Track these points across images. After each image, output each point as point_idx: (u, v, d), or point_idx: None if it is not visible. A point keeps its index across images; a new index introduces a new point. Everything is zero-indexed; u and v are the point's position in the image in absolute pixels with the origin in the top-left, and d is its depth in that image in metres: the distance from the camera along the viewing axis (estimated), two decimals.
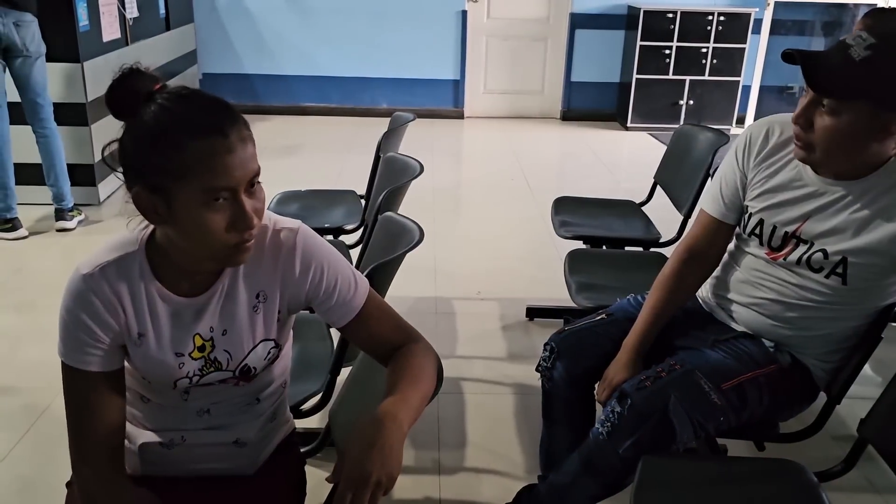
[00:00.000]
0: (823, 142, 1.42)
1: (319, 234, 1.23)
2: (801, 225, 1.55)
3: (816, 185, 1.53)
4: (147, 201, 1.02)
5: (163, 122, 0.99)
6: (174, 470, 1.28)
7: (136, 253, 1.12)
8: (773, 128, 1.62)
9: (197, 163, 0.98)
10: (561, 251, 2.65)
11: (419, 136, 4.49)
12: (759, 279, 1.64)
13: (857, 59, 1.33)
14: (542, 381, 1.81)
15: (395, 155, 2.58)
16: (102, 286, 1.10)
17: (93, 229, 3.99)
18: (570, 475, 1.59)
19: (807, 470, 1.41)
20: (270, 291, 1.18)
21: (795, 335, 1.62)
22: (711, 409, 1.51)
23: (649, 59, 6.32)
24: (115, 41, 4.53)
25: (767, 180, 1.60)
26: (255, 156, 1.04)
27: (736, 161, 1.66)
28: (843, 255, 1.50)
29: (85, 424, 1.13)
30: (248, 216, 1.03)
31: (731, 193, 1.67)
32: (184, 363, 1.16)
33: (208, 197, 1.00)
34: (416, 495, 2.07)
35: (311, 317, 2.09)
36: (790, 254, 1.57)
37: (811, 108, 1.42)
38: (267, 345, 1.20)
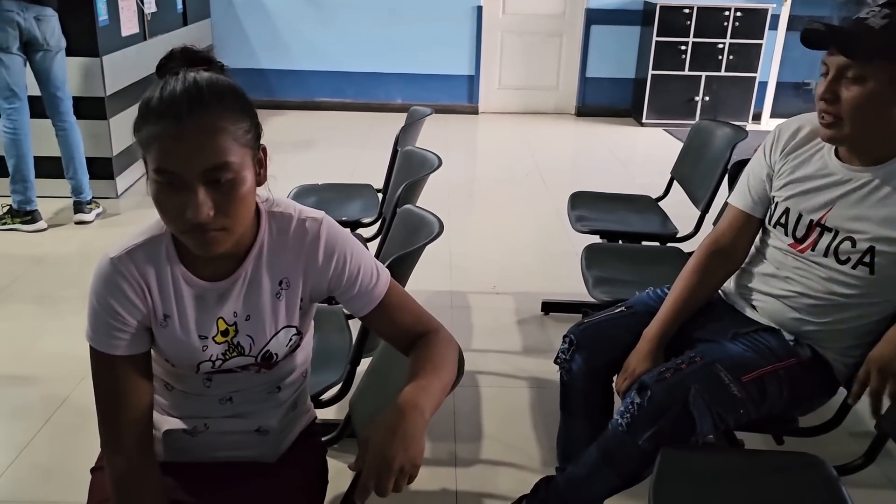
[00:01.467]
0: (851, 111, 1.45)
1: None
2: (827, 213, 1.56)
3: (841, 172, 1.56)
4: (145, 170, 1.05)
5: (146, 95, 1.02)
6: (197, 457, 1.29)
7: (161, 236, 1.14)
8: (804, 125, 1.66)
9: (150, 142, 1.00)
10: (576, 246, 2.65)
11: (434, 132, 4.49)
12: (785, 272, 1.64)
13: (877, 28, 1.40)
14: (561, 374, 1.81)
15: (414, 148, 2.59)
16: (130, 269, 1.11)
17: (111, 222, 4.03)
18: (588, 466, 1.59)
19: (827, 464, 1.41)
20: (293, 279, 1.19)
21: (818, 329, 1.61)
22: (732, 402, 1.51)
23: (665, 55, 6.29)
24: (134, 36, 4.56)
25: (794, 171, 1.63)
26: (223, 150, 1.00)
27: (764, 155, 1.70)
28: (871, 244, 1.50)
29: (114, 409, 1.15)
30: (195, 207, 1.00)
31: (758, 187, 1.71)
32: (207, 346, 1.17)
33: (155, 177, 1.01)
34: (432, 487, 2.08)
35: (329, 308, 2.11)
36: (816, 244, 1.58)
37: (836, 82, 1.45)
38: (289, 332, 1.22)
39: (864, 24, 1.42)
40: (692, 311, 1.73)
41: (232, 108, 1.03)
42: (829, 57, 1.48)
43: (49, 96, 3.77)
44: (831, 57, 1.47)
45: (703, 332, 1.72)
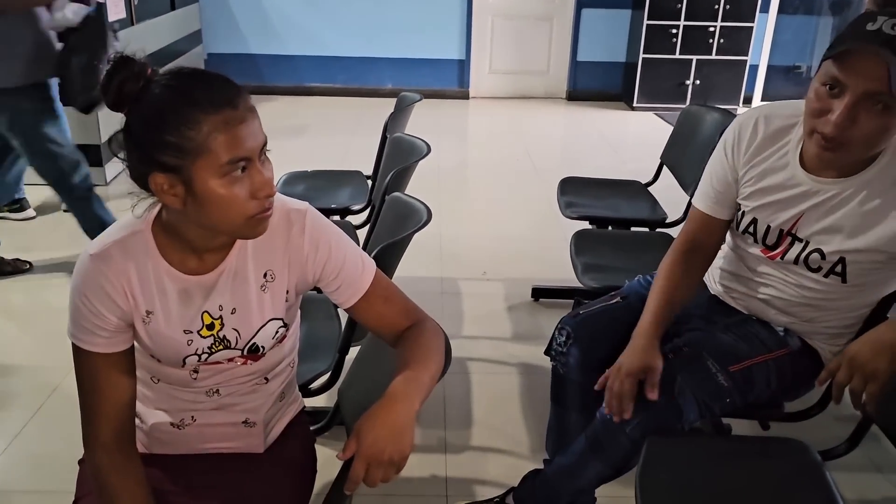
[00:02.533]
0: (866, 140, 1.34)
1: (326, 215, 1.25)
2: (796, 223, 1.53)
3: (809, 184, 1.49)
4: (165, 184, 1.02)
5: (172, 101, 1.00)
6: (185, 449, 1.30)
7: (142, 232, 1.13)
8: (760, 120, 1.57)
9: (213, 137, 0.99)
10: (566, 232, 2.65)
11: (424, 117, 4.47)
12: (761, 276, 1.64)
13: None
14: (556, 366, 1.78)
15: (403, 135, 2.59)
16: (110, 265, 1.11)
17: None
18: (576, 456, 1.60)
19: (811, 448, 1.42)
20: (278, 270, 1.19)
21: (802, 325, 1.62)
22: (718, 391, 1.51)
23: (656, 39, 6.28)
24: (121, 21, 4.51)
25: (759, 179, 1.56)
26: (261, 126, 1.06)
27: (725, 157, 1.62)
28: (841, 255, 1.49)
29: (95, 404, 1.15)
30: (268, 182, 1.05)
31: (723, 189, 1.63)
32: (192, 340, 1.17)
33: (228, 170, 1.01)
34: (422, 473, 2.10)
35: (318, 296, 2.10)
36: (786, 252, 1.56)
37: (856, 108, 1.31)
38: (275, 324, 1.21)
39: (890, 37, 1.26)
40: (676, 310, 1.65)
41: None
42: (845, 72, 1.30)
43: None
44: (856, 76, 1.29)
45: (693, 321, 1.72)
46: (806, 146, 1.46)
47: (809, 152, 1.46)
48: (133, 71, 1.01)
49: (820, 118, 1.36)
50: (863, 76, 1.29)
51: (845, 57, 1.31)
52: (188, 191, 1.02)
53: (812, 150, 1.42)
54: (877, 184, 1.44)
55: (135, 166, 1.05)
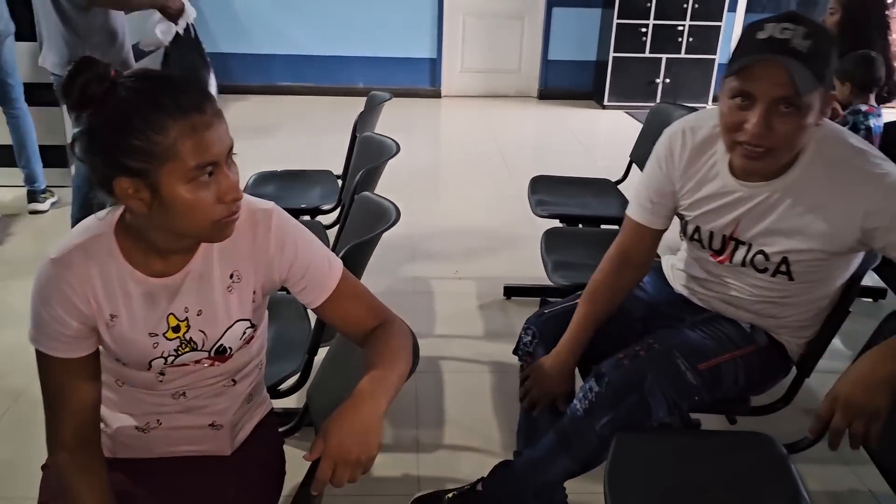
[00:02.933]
0: (786, 142, 1.37)
1: (296, 215, 1.24)
2: (735, 229, 1.56)
3: (741, 190, 1.52)
4: (130, 189, 1.01)
5: (139, 105, 0.99)
6: (150, 453, 1.28)
7: (105, 236, 1.11)
8: (687, 132, 1.59)
9: (180, 142, 0.98)
10: (538, 230, 2.66)
11: (396, 116, 4.46)
12: (717, 278, 1.66)
13: (806, 52, 1.31)
14: (522, 366, 1.80)
15: (372, 135, 2.58)
16: (72, 270, 1.09)
17: (66, 211, 3.91)
18: (545, 450, 1.61)
19: (776, 442, 1.45)
20: (245, 271, 1.18)
21: (765, 321, 1.65)
22: (687, 389, 1.53)
23: (626, 38, 6.33)
24: None
25: (696, 190, 1.59)
26: (228, 129, 1.05)
27: (660, 169, 1.64)
28: (783, 256, 1.51)
29: (59, 408, 1.14)
30: (235, 187, 1.05)
31: (659, 199, 1.66)
32: (158, 343, 1.16)
33: (195, 175, 1.00)
34: (394, 472, 2.09)
35: (288, 296, 2.09)
36: (733, 256, 1.59)
37: (770, 114, 1.34)
38: (243, 325, 1.20)
39: (792, 48, 1.30)
40: (603, 320, 1.71)
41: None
42: (751, 83, 1.33)
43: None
44: (761, 85, 1.33)
45: (661, 319, 1.74)
46: (731, 158, 1.49)
47: (736, 163, 1.49)
48: (97, 72, 1.00)
49: (737, 132, 1.39)
50: (768, 84, 1.32)
51: (747, 70, 1.34)
52: (154, 195, 1.01)
53: (738, 161, 1.46)
54: (803, 183, 1.46)
55: (98, 170, 1.03)
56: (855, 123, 2.93)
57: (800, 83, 1.30)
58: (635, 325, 1.76)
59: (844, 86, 2.99)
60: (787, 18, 1.34)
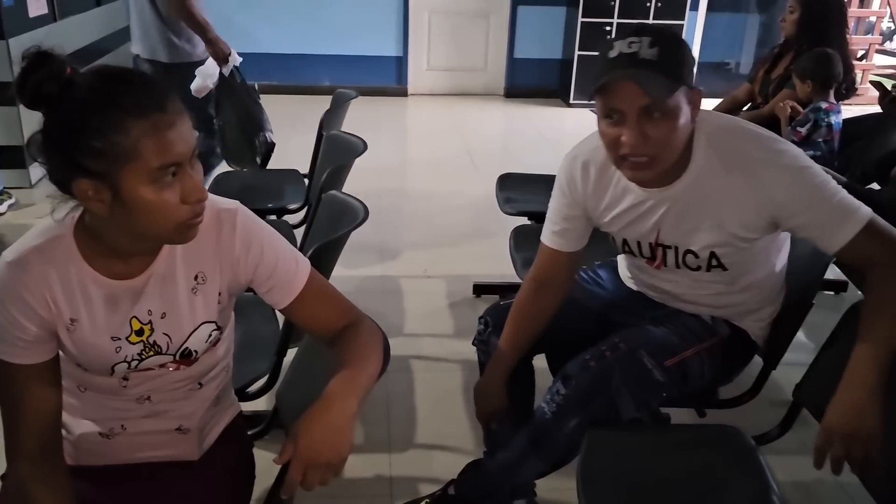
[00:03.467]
0: (664, 146, 1.39)
1: (262, 215, 1.22)
2: (658, 235, 1.58)
3: (651, 197, 1.53)
4: (91, 190, 0.98)
5: (97, 105, 0.95)
6: (115, 459, 1.25)
7: (63, 237, 1.08)
8: (587, 162, 1.60)
9: (142, 142, 0.95)
10: (506, 227, 2.66)
11: (362, 114, 4.43)
12: (661, 280, 1.69)
13: (655, 59, 1.34)
14: (478, 354, 1.83)
15: (339, 133, 2.56)
16: (29, 273, 1.06)
17: (25, 213, 3.85)
18: (516, 452, 1.61)
19: (744, 434, 1.46)
20: (210, 272, 1.16)
21: (720, 311, 1.67)
22: (654, 387, 1.54)
23: (591, 36, 6.36)
24: (42, 17, 4.34)
25: (612, 208, 1.60)
26: (191, 128, 1.02)
27: (565, 197, 1.65)
28: (710, 250, 1.53)
29: (18, 417, 1.10)
30: (199, 187, 1.02)
31: (571, 225, 1.67)
32: (121, 347, 1.13)
33: (158, 175, 0.97)
34: (366, 473, 2.08)
35: (255, 297, 2.06)
36: (665, 260, 1.61)
37: (640, 125, 1.36)
38: (208, 327, 1.18)
39: (642, 59, 1.34)
40: (530, 344, 1.74)
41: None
42: (614, 100, 1.36)
43: None
44: (621, 100, 1.35)
45: (622, 316, 1.75)
46: (623, 173, 1.50)
47: (628, 177, 1.50)
48: (52, 69, 0.96)
49: (618, 147, 1.41)
50: (628, 98, 1.35)
51: (607, 89, 1.37)
52: (115, 197, 0.98)
53: (629, 175, 1.48)
54: (703, 179, 1.48)
55: (56, 170, 1.00)
56: (816, 120, 2.98)
57: (654, 91, 1.33)
58: (596, 320, 1.78)
59: (805, 83, 3.04)
60: (632, 32, 1.38)
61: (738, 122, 1.53)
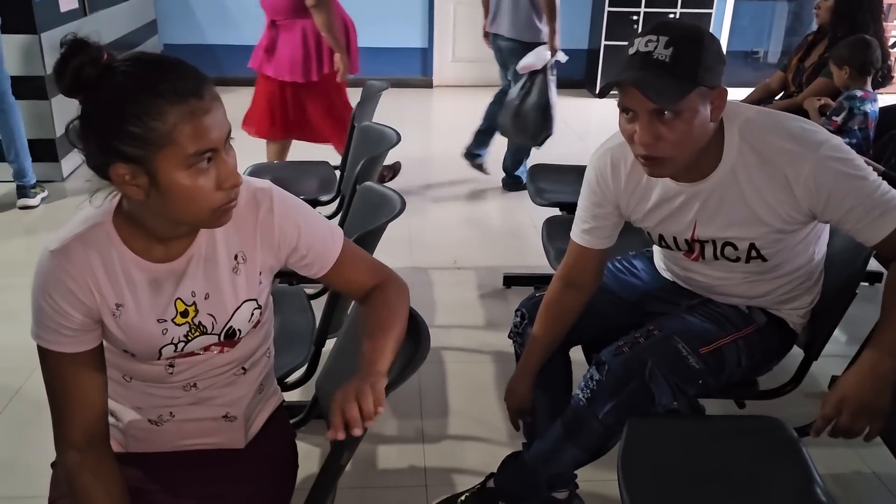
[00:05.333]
0: (677, 147, 1.37)
1: None
2: (694, 230, 1.55)
3: (684, 192, 1.51)
4: (127, 175, 0.99)
5: (135, 90, 0.96)
6: (162, 446, 1.27)
7: (104, 224, 1.10)
8: (616, 158, 1.58)
9: (178, 128, 0.96)
10: (535, 219, 2.66)
11: (388, 106, 4.42)
12: (698, 273, 1.67)
13: (668, 60, 1.31)
14: (515, 347, 1.83)
15: (371, 124, 2.56)
16: (72, 261, 1.07)
17: (57, 206, 3.90)
18: (552, 442, 1.61)
19: (786, 425, 1.44)
20: (249, 252, 1.17)
21: (759, 300, 1.65)
22: (690, 374, 1.53)
23: (617, 25, 6.30)
24: (73, 11, 4.39)
25: (643, 203, 1.58)
26: (226, 114, 1.04)
27: (594, 194, 1.64)
28: (750, 242, 1.51)
29: (65, 405, 1.11)
30: (234, 173, 1.03)
31: (601, 223, 1.65)
32: (167, 329, 1.14)
33: (194, 161, 0.98)
34: (400, 464, 2.08)
35: (291, 289, 2.08)
36: (703, 253, 1.59)
37: (652, 125, 1.35)
38: (250, 305, 1.19)
39: (655, 60, 1.32)
40: (558, 341, 1.73)
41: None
42: (629, 100, 1.36)
43: None
44: (633, 100, 1.35)
45: (658, 305, 1.74)
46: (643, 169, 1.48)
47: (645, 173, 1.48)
48: (91, 55, 0.97)
49: (632, 143, 1.41)
50: (637, 100, 1.34)
51: (620, 86, 1.36)
52: (152, 182, 0.99)
53: (646, 171, 1.46)
54: (738, 172, 1.45)
55: (94, 156, 1.01)
56: (851, 108, 2.94)
57: (657, 97, 1.31)
58: (632, 310, 1.77)
59: (842, 70, 2.99)
60: (652, 30, 1.36)
61: (773, 114, 1.50)
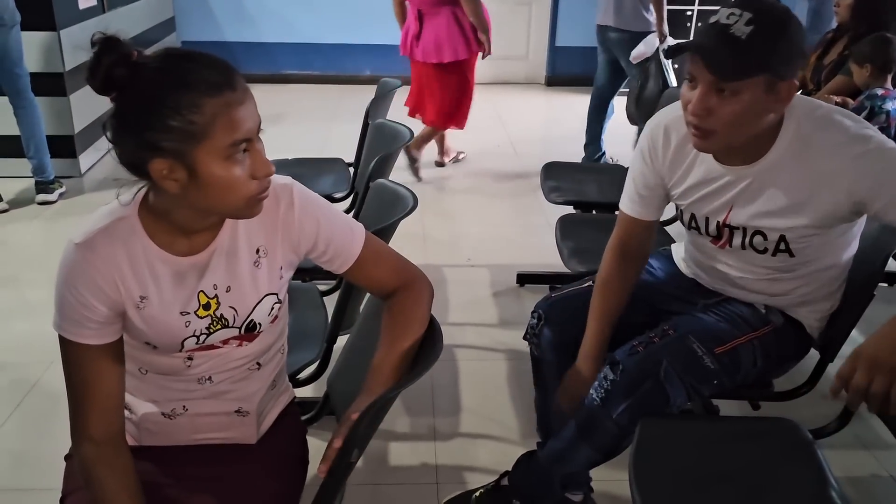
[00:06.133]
0: (727, 126, 1.37)
1: None
2: (728, 214, 1.54)
3: (727, 174, 1.51)
4: (166, 170, 1.00)
5: (171, 85, 0.98)
6: (176, 440, 1.28)
7: (129, 218, 1.11)
8: (670, 128, 1.58)
9: (216, 120, 0.98)
10: (549, 217, 2.65)
11: (403, 104, 4.44)
12: (721, 262, 1.65)
13: (744, 38, 1.30)
14: (531, 349, 1.81)
15: (385, 121, 2.56)
16: (98, 253, 1.08)
17: (75, 202, 3.94)
18: (566, 441, 1.61)
19: (802, 427, 1.43)
20: (271, 246, 1.19)
21: (778, 300, 1.63)
22: (705, 374, 1.52)
23: None
24: (92, 9, 4.42)
25: (684, 178, 1.58)
26: (256, 105, 1.05)
27: (646, 164, 1.63)
28: (780, 234, 1.50)
29: (84, 396, 1.12)
30: (267, 162, 1.05)
31: (647, 193, 1.65)
32: (190, 322, 1.15)
33: (231, 152, 1.00)
34: (412, 461, 2.09)
35: (304, 285, 2.09)
36: (731, 240, 1.58)
37: (707, 97, 1.35)
38: (271, 299, 1.21)
39: (730, 35, 1.31)
40: (617, 316, 1.70)
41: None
42: (694, 67, 1.36)
43: (6, 73, 3.64)
44: (698, 68, 1.35)
45: (674, 304, 1.73)
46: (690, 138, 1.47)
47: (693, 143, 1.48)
48: (121, 53, 0.98)
49: (685, 111, 1.41)
50: (700, 68, 1.35)
51: (689, 51, 1.37)
52: (190, 175, 1.01)
53: (693, 141, 1.46)
54: (786, 162, 1.45)
55: (131, 152, 1.02)
56: (873, 108, 2.90)
57: (719, 70, 1.32)
58: (647, 309, 1.75)
59: (863, 68, 2.96)
60: (738, 3, 1.34)
61: (831, 110, 1.48)
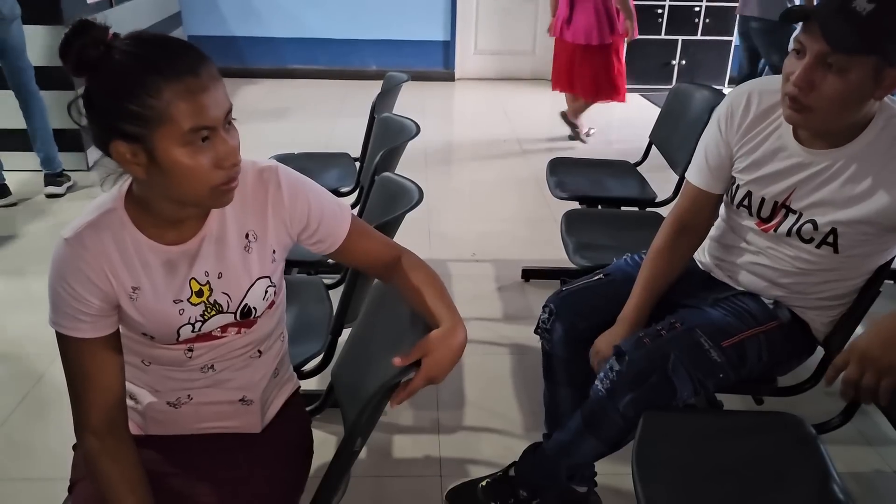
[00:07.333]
0: (827, 103, 1.36)
1: None
2: (790, 195, 1.53)
3: (801, 155, 1.50)
4: (128, 153, 1.01)
5: (132, 68, 0.98)
6: (180, 429, 1.28)
7: (116, 210, 1.11)
8: (753, 96, 1.57)
9: (174, 105, 0.97)
10: (555, 212, 2.65)
11: (410, 99, 4.43)
12: (754, 247, 1.64)
13: (864, 14, 1.28)
14: (542, 343, 1.81)
15: (391, 115, 2.56)
16: (87, 247, 1.09)
17: (82, 194, 3.95)
18: (572, 433, 1.61)
19: (806, 423, 1.43)
20: (260, 230, 1.19)
21: (794, 295, 1.62)
22: (712, 367, 1.52)
23: (641, 19, 6.21)
24: (99, 3, 4.44)
25: (752, 152, 1.57)
26: (227, 93, 1.04)
27: (719, 131, 1.62)
28: (833, 226, 1.49)
29: (84, 390, 1.13)
30: (233, 151, 1.04)
31: (717, 164, 1.64)
32: (183, 310, 1.15)
33: (190, 139, 0.99)
34: (416, 454, 2.09)
35: (309, 278, 2.10)
36: (780, 225, 1.56)
37: (813, 69, 1.34)
38: (264, 283, 1.20)
39: (852, 8, 1.29)
40: (664, 289, 1.70)
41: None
42: (805, 36, 1.35)
43: (9, 67, 3.65)
44: (809, 38, 1.34)
45: (683, 297, 1.72)
46: (782, 109, 1.47)
47: (784, 115, 1.47)
48: (93, 36, 0.98)
49: (787, 82, 1.40)
50: (812, 39, 1.34)
51: (807, 20, 1.35)
52: (150, 160, 1.00)
53: (784, 113, 1.45)
54: (866, 155, 1.44)
55: (97, 134, 1.03)
56: None
57: (833, 41, 1.30)
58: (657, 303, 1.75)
59: None
60: None
61: None
